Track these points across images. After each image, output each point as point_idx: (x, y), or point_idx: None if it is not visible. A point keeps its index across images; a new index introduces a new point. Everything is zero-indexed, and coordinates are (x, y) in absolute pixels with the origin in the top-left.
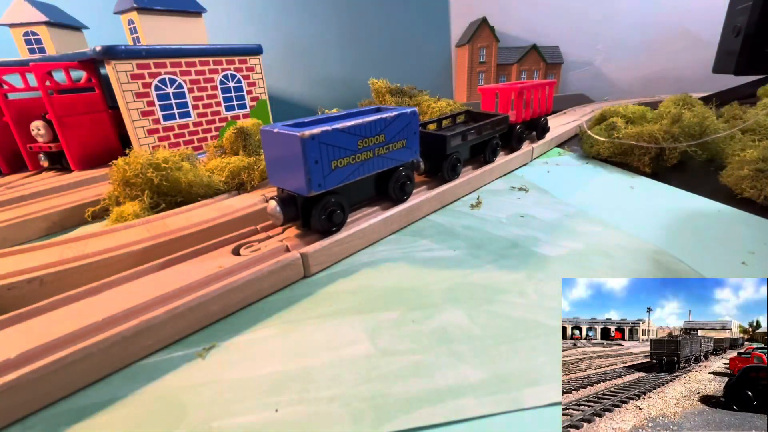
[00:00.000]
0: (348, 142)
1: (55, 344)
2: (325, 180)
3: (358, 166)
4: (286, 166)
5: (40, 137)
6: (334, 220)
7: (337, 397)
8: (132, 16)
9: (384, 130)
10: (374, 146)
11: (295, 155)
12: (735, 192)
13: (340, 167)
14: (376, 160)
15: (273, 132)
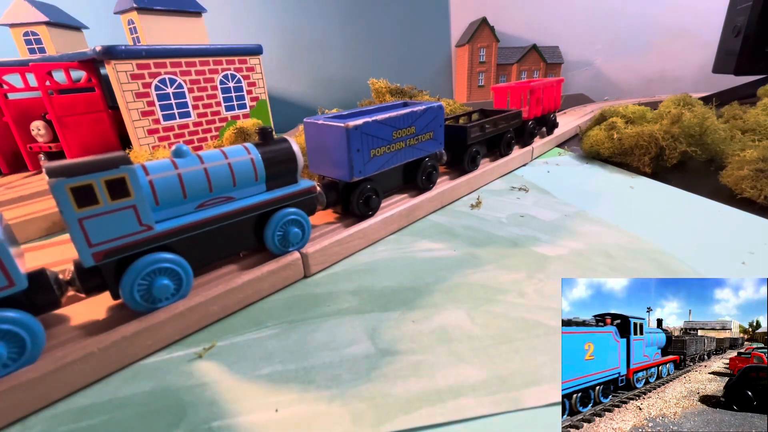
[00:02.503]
0: (385, 133)
1: (55, 344)
2: (365, 167)
3: (393, 155)
4: (329, 155)
5: (40, 137)
6: (370, 205)
7: (337, 397)
8: (132, 16)
9: (414, 123)
10: (406, 137)
11: (340, 144)
12: (735, 192)
13: (378, 156)
14: (407, 150)
15: (317, 123)
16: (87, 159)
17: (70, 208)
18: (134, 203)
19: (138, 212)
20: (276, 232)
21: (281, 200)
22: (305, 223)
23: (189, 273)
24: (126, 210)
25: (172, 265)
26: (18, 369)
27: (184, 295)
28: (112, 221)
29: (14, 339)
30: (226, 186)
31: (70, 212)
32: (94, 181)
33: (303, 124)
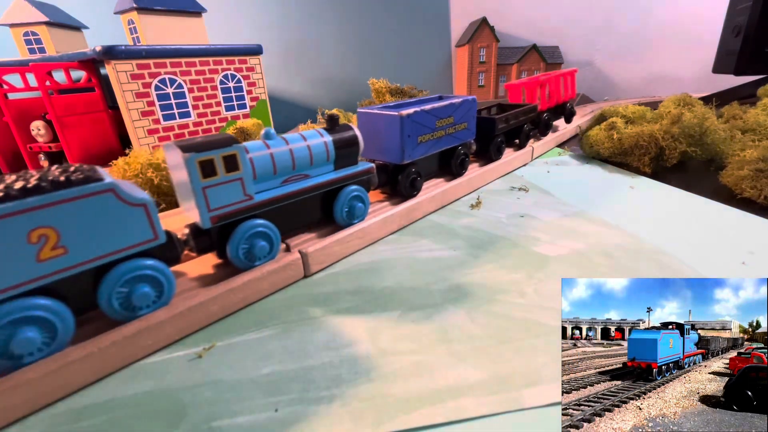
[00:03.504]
0: (430, 122)
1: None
2: (413, 152)
3: (434, 142)
4: (381, 141)
5: (40, 137)
6: (416, 185)
7: (337, 397)
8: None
9: (453, 113)
10: (446, 126)
11: (393, 131)
12: (735, 192)
13: (423, 142)
14: (446, 138)
15: (371, 113)
16: (208, 138)
17: (198, 177)
18: (241, 176)
19: (243, 184)
20: (344, 207)
21: (346, 179)
22: (366, 199)
23: (278, 237)
24: (235, 182)
25: (266, 229)
26: (155, 309)
27: (274, 256)
28: (225, 191)
29: (156, 283)
30: (305, 164)
31: (197, 181)
32: (215, 156)
33: (356, 114)
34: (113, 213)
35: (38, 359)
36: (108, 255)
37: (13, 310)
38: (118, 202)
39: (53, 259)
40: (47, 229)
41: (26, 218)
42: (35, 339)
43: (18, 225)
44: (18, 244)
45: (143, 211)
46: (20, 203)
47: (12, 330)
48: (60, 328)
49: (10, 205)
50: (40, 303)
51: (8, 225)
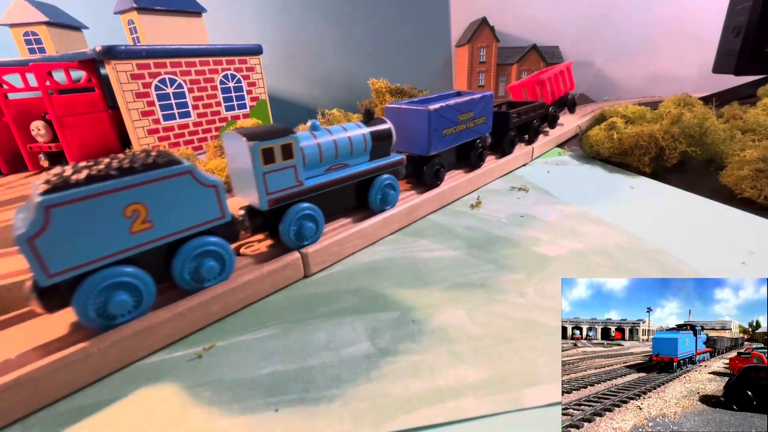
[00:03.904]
0: (453, 116)
1: (55, 344)
2: (438, 144)
3: (457, 135)
4: (409, 134)
5: (40, 137)
6: (439, 175)
7: (337, 397)
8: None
9: (473, 108)
10: (467, 120)
11: (421, 124)
12: (735, 192)
13: (447, 135)
14: (466, 132)
15: (401, 108)
16: (268, 128)
17: (260, 164)
18: (295, 164)
19: (296, 171)
20: (378, 194)
21: (381, 168)
22: (397, 187)
23: (323, 220)
24: (290, 168)
25: (313, 212)
26: (218, 282)
27: (318, 238)
28: (281, 176)
29: (219, 258)
30: (346, 154)
31: (259, 167)
32: (275, 145)
33: (384, 109)
34: (190, 193)
35: (128, 320)
36: (184, 230)
37: (111, 275)
38: (194, 183)
39: (142, 233)
40: (139, 205)
41: (124, 195)
42: (128, 302)
43: (117, 201)
44: (116, 217)
45: (214, 192)
46: (119, 181)
47: (109, 293)
48: (145, 294)
49: (111, 182)
50: (131, 271)
51: (109, 200)
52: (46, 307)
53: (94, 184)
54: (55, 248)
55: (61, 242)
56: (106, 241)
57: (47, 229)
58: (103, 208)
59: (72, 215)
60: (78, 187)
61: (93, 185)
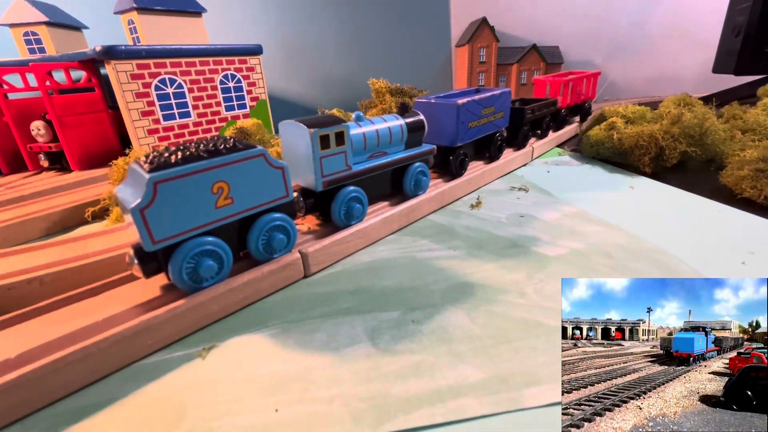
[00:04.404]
0: (477, 110)
1: (55, 344)
2: (464, 136)
3: (480, 128)
4: (437, 126)
5: (40, 137)
6: (463, 165)
7: (337, 397)
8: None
9: (494, 103)
10: (488, 114)
11: (450, 117)
12: (735, 192)
13: (472, 128)
14: (488, 125)
15: (430, 102)
16: (323, 118)
17: (318, 149)
18: (345, 150)
19: (346, 156)
20: (411, 181)
21: (414, 157)
22: (428, 174)
23: (367, 202)
24: (341, 154)
25: (360, 195)
26: (283, 254)
27: (363, 218)
28: (334, 161)
29: (284, 232)
30: (386, 143)
31: (317, 152)
32: (330, 132)
33: (414, 103)
34: (262, 173)
35: (211, 284)
36: (256, 207)
37: (201, 244)
38: (266, 165)
39: (224, 207)
40: (223, 183)
41: (213, 174)
42: (214, 267)
43: (207, 178)
44: (206, 193)
45: (281, 173)
46: (210, 161)
47: (199, 259)
48: (226, 262)
49: (204, 162)
50: (216, 241)
51: (202, 178)
52: (145, 272)
53: (192, 164)
54: (160, 218)
55: (164, 213)
56: (197, 213)
57: (154, 201)
58: (196, 185)
59: (174, 190)
60: (178, 166)
61: (190, 164)
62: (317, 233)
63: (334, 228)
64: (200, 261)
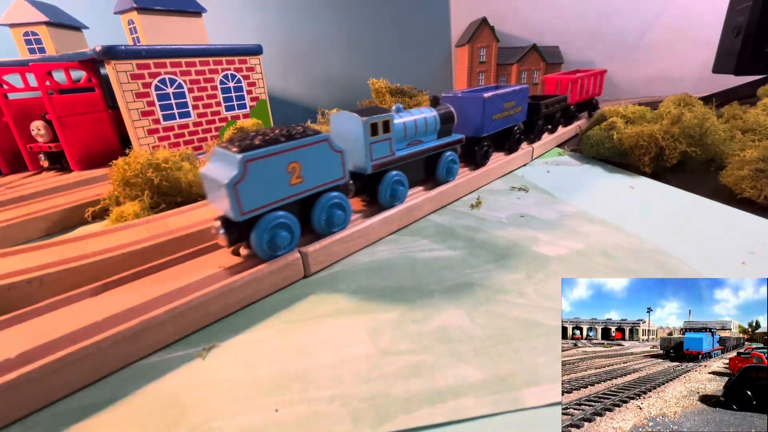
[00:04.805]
0: (500, 103)
1: (55, 344)
2: (489, 127)
3: (501, 120)
4: (464, 118)
5: (40, 137)
6: (487, 155)
7: (337, 397)
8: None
9: (514, 98)
10: (509, 108)
11: (476, 110)
12: (735, 192)
13: (495, 120)
14: (508, 118)
15: (457, 96)
16: (372, 108)
17: (368, 135)
18: (390, 137)
19: (391, 143)
20: (444, 167)
21: (446, 145)
22: (457, 162)
23: (408, 186)
24: (387, 141)
25: (402, 178)
26: (340, 230)
27: (404, 200)
28: (381, 147)
29: (342, 209)
30: (422, 132)
31: (367, 138)
32: (379, 120)
33: (442, 97)
34: (326, 156)
35: (284, 254)
36: (320, 186)
37: (278, 217)
38: (329, 149)
39: (296, 185)
40: (296, 163)
41: (289, 155)
42: (288, 238)
43: (285, 159)
44: (283, 172)
45: (340, 157)
46: (288, 144)
47: (276, 230)
48: (296, 235)
49: (284, 144)
50: (288, 214)
51: (281, 158)
52: (229, 241)
53: (273, 146)
54: (248, 193)
55: (251, 189)
56: (276, 189)
57: (244, 178)
58: (276, 164)
59: (259, 168)
60: (263, 147)
61: (272, 146)
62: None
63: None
64: (277, 232)
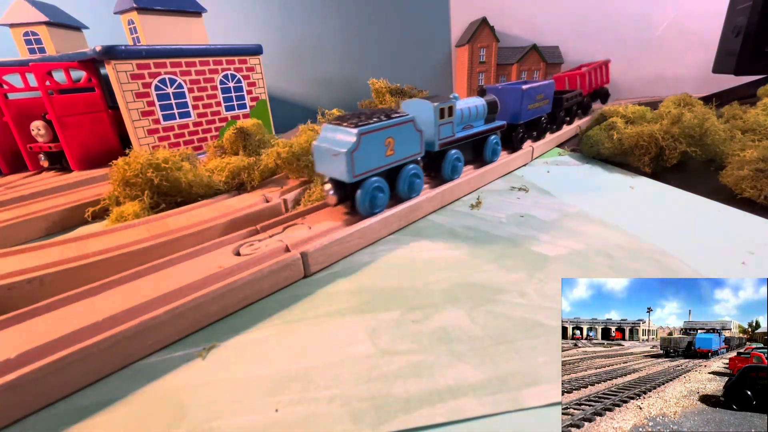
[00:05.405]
0: (534, 95)
1: (55, 344)
2: (525, 115)
3: (534, 110)
4: (504, 107)
5: (40, 137)
6: (523, 141)
7: (337, 397)
8: (132, 16)
9: (543, 91)
10: (540, 100)
11: (516, 100)
12: (735, 192)
13: (529, 110)
14: (538, 109)
15: (497, 87)
16: (437, 95)
17: (437, 118)
18: (452, 120)
19: (453, 126)
20: (490, 149)
21: (491, 130)
22: (500, 145)
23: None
24: (450, 123)
25: (460, 156)
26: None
27: (460, 175)
28: (446, 128)
29: (419, 177)
30: (474, 117)
31: (436, 121)
32: (445, 106)
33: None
34: (411, 134)
35: (378, 212)
36: (405, 158)
37: (377, 181)
38: (413, 128)
39: (389, 156)
40: (391, 138)
41: (387, 131)
42: (383, 198)
43: (384, 134)
44: (382, 145)
45: (420, 135)
46: (387, 122)
47: (375, 192)
48: (387, 197)
49: (384, 122)
50: (381, 179)
51: (382, 133)
52: (338, 200)
53: (379, 122)
54: (359, 160)
55: (361, 157)
56: (376, 159)
57: (358, 148)
58: (379, 138)
59: (368, 140)
60: (372, 124)
61: (379, 123)
62: (317, 233)
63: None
64: (375, 194)
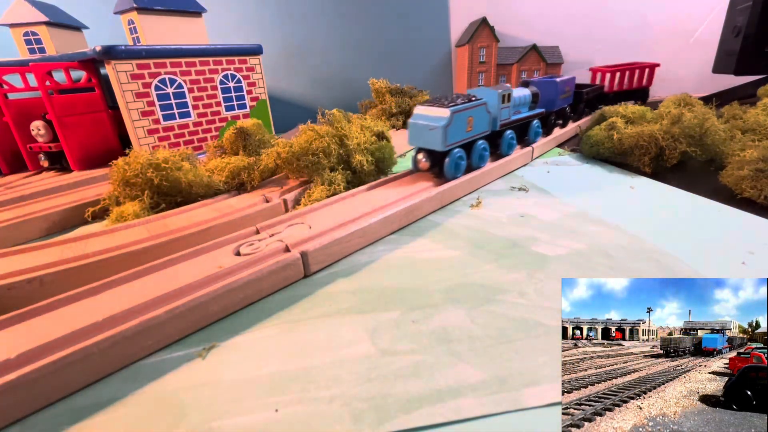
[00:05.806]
0: (564, 87)
1: (55, 344)
2: (558, 104)
3: (562, 100)
4: (542, 98)
5: (40, 137)
6: (553, 126)
7: (337, 397)
8: (132, 16)
9: (568, 84)
10: (566, 92)
11: (552, 91)
12: (735, 192)
13: (560, 99)
14: (565, 99)
15: (536, 81)
16: (499, 85)
17: (500, 103)
18: (509, 105)
19: (510, 110)
20: (533, 132)
21: (534, 116)
22: (541, 129)
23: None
24: (507, 108)
25: (514, 136)
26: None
27: (512, 152)
28: (505, 112)
29: (488, 151)
30: (522, 104)
31: (499, 104)
32: (506, 93)
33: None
34: (484, 115)
35: (459, 177)
36: (479, 134)
37: (459, 152)
38: (485, 110)
39: (469, 132)
40: (471, 117)
41: (469, 112)
42: (464, 165)
43: (467, 114)
44: (464, 122)
45: (490, 116)
46: (470, 104)
47: (458, 160)
48: (465, 164)
49: (468, 104)
50: (462, 151)
51: (465, 113)
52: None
53: (464, 104)
54: (449, 134)
55: (451, 131)
56: (460, 133)
57: (450, 124)
58: (464, 117)
59: (457, 118)
60: (459, 105)
61: (465, 104)
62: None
63: (334, 227)
64: (458, 162)
